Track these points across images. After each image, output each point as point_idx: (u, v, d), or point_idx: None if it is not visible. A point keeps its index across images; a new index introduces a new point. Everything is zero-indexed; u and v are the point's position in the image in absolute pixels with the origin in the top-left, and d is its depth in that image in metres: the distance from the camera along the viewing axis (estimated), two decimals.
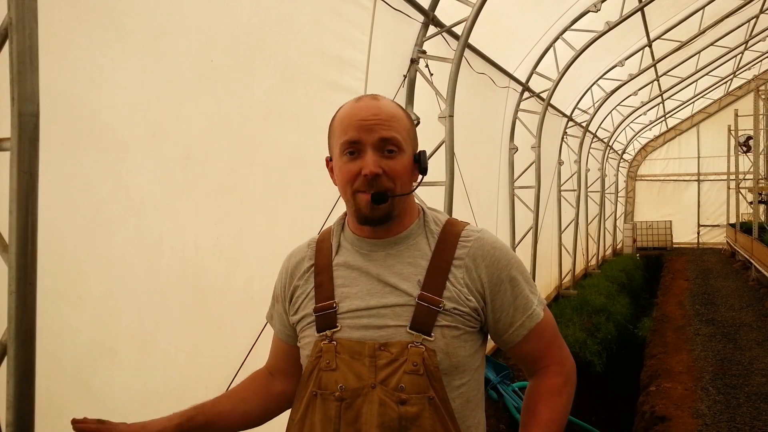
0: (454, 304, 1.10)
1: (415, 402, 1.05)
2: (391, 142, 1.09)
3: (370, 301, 1.11)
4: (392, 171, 1.09)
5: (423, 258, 1.14)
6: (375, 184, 1.07)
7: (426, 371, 1.06)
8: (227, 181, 2.22)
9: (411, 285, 1.11)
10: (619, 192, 15.05)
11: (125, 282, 1.86)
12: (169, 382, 2.03)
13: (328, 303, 1.13)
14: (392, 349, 1.07)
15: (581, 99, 8.28)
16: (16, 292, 1.23)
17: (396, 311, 1.09)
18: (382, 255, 1.14)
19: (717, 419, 4.17)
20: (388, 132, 1.08)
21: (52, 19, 1.52)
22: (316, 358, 1.11)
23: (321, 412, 1.09)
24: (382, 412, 1.05)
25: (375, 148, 1.08)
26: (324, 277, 1.16)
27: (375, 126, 1.08)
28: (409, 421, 1.05)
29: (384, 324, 1.09)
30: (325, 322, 1.12)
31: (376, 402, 1.05)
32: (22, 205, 1.22)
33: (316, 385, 1.11)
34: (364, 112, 1.10)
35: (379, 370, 1.07)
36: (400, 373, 1.06)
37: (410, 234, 1.16)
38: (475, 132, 5.13)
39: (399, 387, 1.06)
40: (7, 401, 1.25)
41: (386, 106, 1.13)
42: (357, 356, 1.08)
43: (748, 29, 9.65)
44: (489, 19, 4.22)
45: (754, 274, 10.19)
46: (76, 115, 1.66)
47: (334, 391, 1.08)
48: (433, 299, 1.09)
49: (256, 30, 2.32)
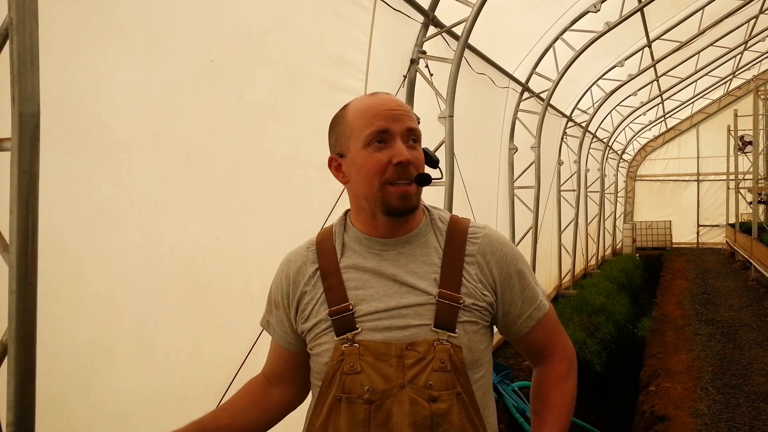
0: (473, 300, 1.12)
1: (444, 398, 1.07)
2: (415, 133, 1.11)
3: (389, 302, 1.10)
4: (417, 160, 1.11)
5: (436, 255, 1.14)
6: (407, 173, 1.08)
7: (453, 367, 1.08)
8: (227, 181, 2.22)
9: (428, 283, 1.11)
10: (618, 192, 15.06)
11: (125, 282, 1.86)
12: (169, 381, 2.03)
13: (343, 306, 1.11)
14: (419, 348, 1.07)
15: (581, 99, 8.29)
16: (16, 292, 1.23)
17: (417, 311, 1.09)
18: (395, 254, 1.14)
19: (716, 419, 4.17)
20: (413, 123, 1.11)
21: (53, 20, 1.52)
22: (338, 362, 1.09)
23: (347, 416, 1.08)
24: (414, 411, 1.05)
25: (403, 138, 1.10)
26: (333, 280, 1.14)
27: (401, 116, 1.10)
28: (440, 418, 1.06)
29: (407, 324, 1.09)
30: (344, 325, 1.10)
31: (407, 401, 1.05)
32: (22, 205, 1.23)
33: (339, 390, 1.09)
34: (389, 102, 1.11)
35: (407, 369, 1.06)
36: (429, 371, 1.06)
37: (420, 232, 1.16)
38: (475, 132, 5.13)
39: (428, 385, 1.06)
40: (8, 401, 1.25)
41: (401, 101, 1.15)
42: (383, 357, 1.07)
43: (747, 29, 9.65)
44: (489, 20, 4.22)
45: (754, 273, 10.19)
46: (76, 115, 1.66)
47: (362, 394, 1.07)
48: (452, 296, 1.10)
49: (257, 30, 2.33)
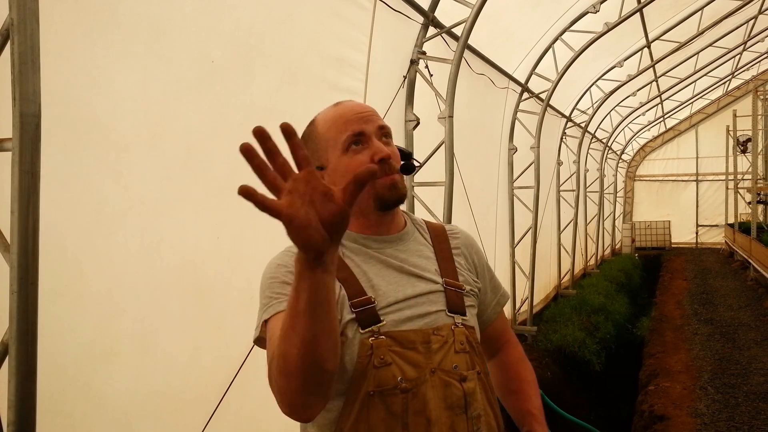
0: (470, 287, 1.20)
1: (471, 378, 1.12)
2: (386, 130, 1.16)
3: (406, 291, 1.12)
4: (394, 155, 1.15)
5: (428, 250, 1.21)
6: (388, 168, 1.12)
7: (471, 348, 1.13)
8: (227, 181, 2.22)
9: (432, 273, 1.17)
10: (617, 192, 15.07)
11: (125, 282, 1.86)
12: (169, 381, 2.03)
13: (364, 298, 1.09)
14: (442, 332, 1.11)
15: (580, 100, 8.29)
16: (17, 292, 1.23)
17: (431, 298, 1.13)
18: (392, 250, 1.17)
19: (715, 418, 4.17)
20: (382, 121, 1.16)
21: (53, 20, 1.52)
22: (367, 356, 1.06)
23: (382, 410, 1.05)
24: (449, 393, 1.08)
25: (377, 136, 1.14)
26: (345, 273, 1.11)
27: (371, 116, 1.15)
28: (471, 397, 1.11)
29: (426, 311, 1.12)
30: (368, 318, 1.08)
31: (440, 385, 1.08)
32: (23, 205, 1.23)
33: (371, 385, 1.05)
34: (356, 107, 1.16)
35: (433, 354, 1.09)
36: (452, 353, 1.11)
37: (409, 231, 1.22)
38: (474, 132, 5.13)
39: (454, 367, 1.10)
40: (9, 400, 1.26)
41: (365, 104, 1.20)
42: (410, 345, 1.08)
43: (746, 30, 9.66)
44: (488, 20, 4.22)
45: (753, 273, 10.20)
46: (76, 116, 1.66)
47: (397, 385, 1.06)
48: (455, 283, 1.17)
49: (257, 30, 2.33)
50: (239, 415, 2.24)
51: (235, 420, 2.23)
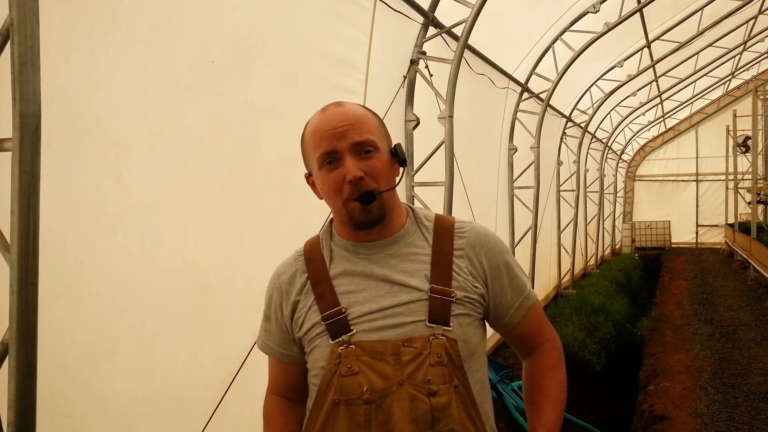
0: (464, 293, 1.13)
1: (443, 392, 1.08)
2: (366, 144, 1.10)
3: (382, 302, 1.11)
4: (373, 170, 1.09)
5: (424, 253, 1.15)
6: (360, 188, 1.08)
7: (449, 361, 1.09)
8: (227, 181, 2.22)
9: (419, 280, 1.12)
10: (617, 192, 15.07)
11: (125, 282, 1.86)
12: (169, 381, 2.03)
13: (336, 310, 1.11)
14: (415, 343, 1.08)
15: (580, 99, 8.29)
16: (17, 292, 1.23)
17: (411, 308, 1.10)
18: (383, 256, 1.15)
19: (715, 418, 4.17)
20: (359, 135, 1.09)
21: (53, 20, 1.52)
22: (335, 365, 1.09)
23: (346, 419, 1.07)
24: (414, 407, 1.06)
25: (352, 153, 1.09)
26: (323, 287, 1.14)
27: (346, 132, 1.09)
28: (440, 412, 1.07)
29: (402, 322, 1.09)
30: (338, 328, 1.10)
31: (407, 398, 1.06)
32: (23, 205, 1.23)
33: (337, 393, 1.08)
34: (332, 120, 1.10)
35: (404, 366, 1.07)
36: (426, 366, 1.07)
37: (406, 232, 1.17)
38: (474, 132, 5.14)
39: (426, 380, 1.07)
40: (9, 400, 1.26)
41: (351, 110, 1.13)
42: (379, 356, 1.08)
43: (746, 30, 9.66)
44: (488, 20, 4.22)
45: (753, 273, 10.20)
46: (76, 116, 1.66)
47: (361, 395, 1.07)
48: (444, 290, 1.11)
49: (257, 30, 2.33)
50: (239, 415, 2.24)
51: (235, 420, 2.23)
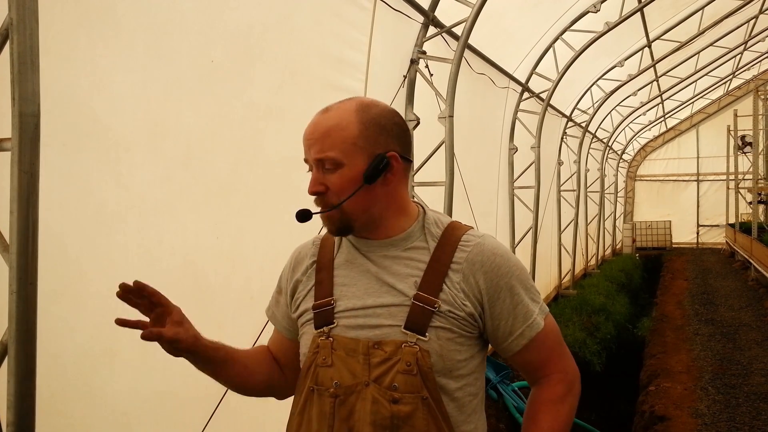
0: (449, 307, 1.08)
1: (407, 401, 1.06)
2: (324, 161, 1.09)
3: (367, 300, 1.12)
4: (333, 186, 1.09)
5: (421, 260, 1.13)
6: (322, 202, 1.12)
7: (419, 371, 1.06)
8: (227, 181, 2.22)
9: (407, 285, 1.10)
10: (618, 192, 15.06)
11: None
12: (169, 381, 2.03)
13: (326, 300, 1.15)
14: (386, 347, 1.07)
15: (581, 99, 8.29)
16: (17, 292, 1.23)
17: (391, 311, 1.09)
18: (380, 255, 1.15)
19: (716, 419, 4.17)
20: (321, 152, 1.09)
21: (53, 20, 1.52)
22: (313, 353, 1.14)
23: (317, 407, 1.11)
24: (375, 410, 1.06)
25: (316, 166, 1.11)
26: (324, 275, 1.18)
27: (312, 145, 1.10)
28: (402, 420, 1.05)
29: (379, 324, 1.09)
30: (323, 318, 1.14)
31: (369, 400, 1.06)
32: (22, 205, 1.23)
33: (313, 381, 1.13)
34: (308, 129, 1.12)
35: (372, 368, 1.07)
36: (394, 372, 1.06)
37: (409, 235, 1.15)
38: (475, 132, 5.13)
39: (392, 386, 1.06)
40: (8, 401, 1.25)
41: (326, 120, 1.10)
42: (352, 353, 1.09)
43: (747, 30, 9.65)
44: (489, 20, 4.22)
45: (754, 273, 10.19)
46: (76, 115, 1.66)
47: (329, 387, 1.10)
48: (428, 299, 1.08)
49: (256, 30, 2.33)
50: (239, 415, 2.23)
51: (235, 420, 2.23)
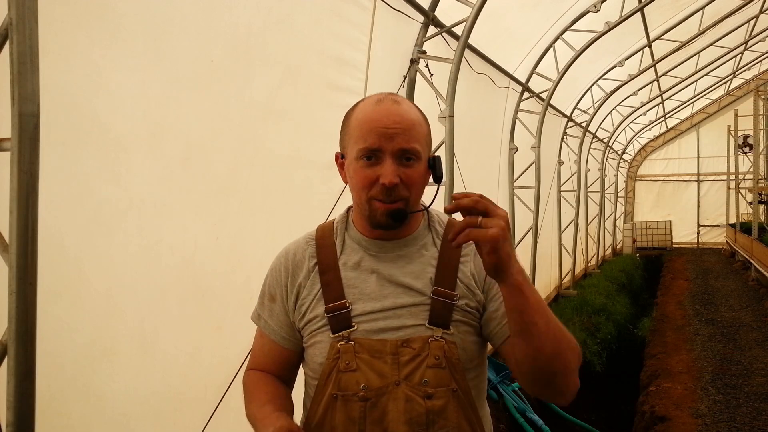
0: (465, 300, 1.12)
1: (440, 395, 1.07)
2: (411, 152, 1.07)
3: (385, 302, 1.11)
4: (409, 179, 1.08)
5: (432, 258, 1.15)
6: (393, 193, 1.07)
7: (448, 364, 1.08)
8: (227, 181, 2.22)
9: (424, 284, 1.12)
10: (618, 192, 15.05)
11: (125, 282, 1.86)
12: (168, 382, 2.03)
13: (339, 303, 1.12)
14: (414, 344, 1.08)
15: (581, 99, 8.28)
16: (16, 292, 1.23)
17: (412, 311, 1.10)
18: (392, 256, 1.15)
19: (717, 419, 4.17)
20: (408, 143, 1.07)
21: (53, 19, 1.52)
22: (333, 359, 1.10)
23: (343, 414, 1.08)
24: (409, 408, 1.06)
25: (394, 156, 1.06)
26: (330, 276, 1.14)
27: (396, 135, 1.06)
28: (436, 415, 1.06)
29: (402, 324, 1.09)
30: (340, 322, 1.11)
31: (402, 398, 1.06)
32: (22, 205, 1.23)
33: (335, 387, 1.09)
34: (386, 118, 1.07)
35: (402, 366, 1.07)
36: (423, 367, 1.07)
37: (418, 235, 1.17)
38: (475, 132, 5.13)
39: (423, 381, 1.07)
40: (8, 401, 1.25)
41: (408, 112, 1.10)
42: (378, 355, 1.08)
43: (747, 29, 9.64)
44: (489, 20, 4.22)
45: (754, 274, 10.19)
46: (76, 115, 1.66)
47: (357, 392, 1.08)
48: (447, 293, 1.11)
49: (256, 30, 2.32)
50: (239, 415, 2.23)
51: (235, 420, 2.23)
